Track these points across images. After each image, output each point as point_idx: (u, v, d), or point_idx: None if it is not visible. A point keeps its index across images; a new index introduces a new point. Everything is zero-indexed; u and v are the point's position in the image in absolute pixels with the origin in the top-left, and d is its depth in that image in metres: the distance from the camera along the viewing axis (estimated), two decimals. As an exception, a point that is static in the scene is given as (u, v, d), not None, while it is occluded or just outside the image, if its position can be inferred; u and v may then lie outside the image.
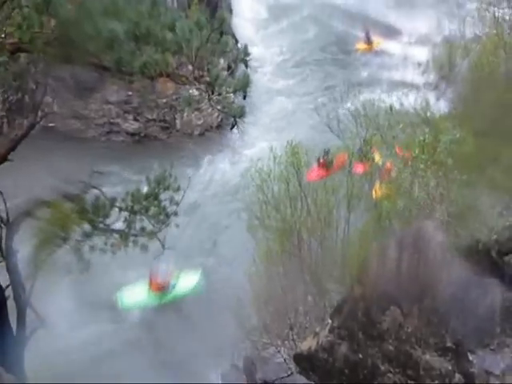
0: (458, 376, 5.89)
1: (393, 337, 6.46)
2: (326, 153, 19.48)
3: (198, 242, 20.11)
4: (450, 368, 5.95)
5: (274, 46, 29.36)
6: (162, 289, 17.90)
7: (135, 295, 17.82)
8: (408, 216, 9.52)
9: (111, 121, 25.41)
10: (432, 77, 26.59)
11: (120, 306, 17.54)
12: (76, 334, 15.49)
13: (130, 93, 25.03)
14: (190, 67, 9.76)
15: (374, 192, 15.40)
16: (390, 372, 6.38)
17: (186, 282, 18.12)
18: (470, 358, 5.89)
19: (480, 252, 6.60)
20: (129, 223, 11.48)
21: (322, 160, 19.42)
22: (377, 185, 15.41)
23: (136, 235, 11.46)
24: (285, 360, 12.99)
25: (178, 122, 25.51)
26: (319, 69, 28.78)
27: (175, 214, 11.65)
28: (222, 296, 16.95)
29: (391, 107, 18.24)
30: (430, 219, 7.56)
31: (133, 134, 25.42)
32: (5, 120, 24.51)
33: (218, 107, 10.64)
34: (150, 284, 17.98)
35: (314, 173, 17.37)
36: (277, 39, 29.75)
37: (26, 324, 11.63)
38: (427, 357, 6.09)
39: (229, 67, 11.72)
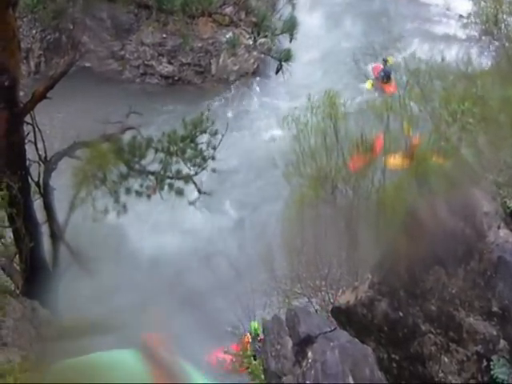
0: (502, 342, 5.73)
1: (436, 297, 6.31)
2: (365, 140, 18.22)
3: (231, 186, 20.03)
4: (494, 333, 5.79)
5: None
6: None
7: None
8: (454, 176, 9.22)
9: (146, 63, 25.15)
10: (475, 31, 25.81)
11: None
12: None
13: (165, 35, 24.68)
14: (232, 8, 9.45)
15: (388, 160, 14.77)
16: (431, 332, 6.25)
17: None
18: (517, 323, 5.72)
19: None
20: (164, 165, 11.38)
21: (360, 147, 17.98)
22: (395, 155, 14.81)
23: (172, 178, 11.38)
24: (316, 311, 13.01)
25: (213, 67, 25.12)
26: (358, 18, 28.01)
27: (212, 158, 11.52)
28: (254, 244, 16.89)
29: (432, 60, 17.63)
30: (478, 186, 7.31)
31: (167, 77, 25.15)
32: (42, 59, 24.40)
33: (258, 50, 10.33)
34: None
35: (356, 162, 16.31)
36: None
37: (60, 259, 11.75)
38: (471, 320, 5.94)
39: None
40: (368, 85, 24.79)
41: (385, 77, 24.52)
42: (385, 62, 24.77)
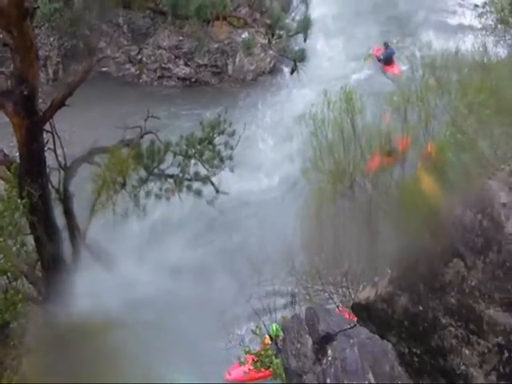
0: (523, 332, 5.71)
1: (455, 289, 6.28)
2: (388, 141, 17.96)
3: (249, 183, 20.08)
4: (515, 324, 5.77)
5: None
6: None
7: None
8: (470, 168, 9.20)
9: (163, 66, 25.33)
10: (490, 20, 25.61)
11: None
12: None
13: (181, 38, 24.85)
14: (247, 9, 9.53)
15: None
16: (452, 325, 6.23)
17: None
18: (537, 314, 5.69)
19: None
20: (183, 168, 11.51)
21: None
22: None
23: (190, 180, 11.50)
24: (337, 307, 13.01)
25: (229, 67, 25.23)
26: (373, 12, 27.89)
27: (230, 158, 11.63)
28: (272, 240, 16.91)
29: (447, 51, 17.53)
30: (495, 177, 7.28)
31: (184, 79, 25.31)
32: (60, 66, 24.67)
33: (273, 51, 10.40)
34: None
35: (375, 162, 16.06)
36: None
37: (80, 264, 11.91)
38: (491, 311, 5.91)
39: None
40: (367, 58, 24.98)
41: (386, 59, 24.76)
42: (386, 45, 24.95)
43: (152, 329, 12.39)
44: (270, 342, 13.00)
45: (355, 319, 7.21)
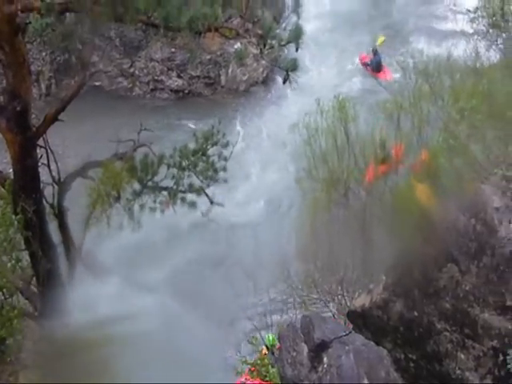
0: (518, 335, 5.74)
1: (450, 294, 6.32)
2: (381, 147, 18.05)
3: (245, 194, 20.10)
4: (509, 327, 5.80)
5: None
6: None
7: None
8: (463, 174, 9.20)
9: (155, 78, 25.38)
10: (482, 25, 25.73)
11: None
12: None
13: (174, 50, 24.92)
14: (239, 20, 9.56)
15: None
16: (447, 330, 6.27)
17: None
18: (531, 316, 5.71)
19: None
20: (177, 180, 11.52)
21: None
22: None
23: (184, 192, 11.50)
24: (333, 315, 13.01)
25: (222, 78, 25.30)
26: (365, 19, 28.02)
27: (224, 169, 11.64)
28: (268, 249, 16.90)
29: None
30: (488, 182, 7.33)
31: (177, 91, 25.35)
32: (53, 81, 24.70)
33: (265, 61, 10.45)
34: None
35: (372, 171, 16.07)
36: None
37: (75, 278, 11.89)
38: (486, 315, 5.95)
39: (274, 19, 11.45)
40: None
41: (376, 66, 24.79)
42: (374, 51, 24.98)
43: (148, 342, 12.36)
44: (266, 352, 12.97)
45: (351, 326, 7.24)
